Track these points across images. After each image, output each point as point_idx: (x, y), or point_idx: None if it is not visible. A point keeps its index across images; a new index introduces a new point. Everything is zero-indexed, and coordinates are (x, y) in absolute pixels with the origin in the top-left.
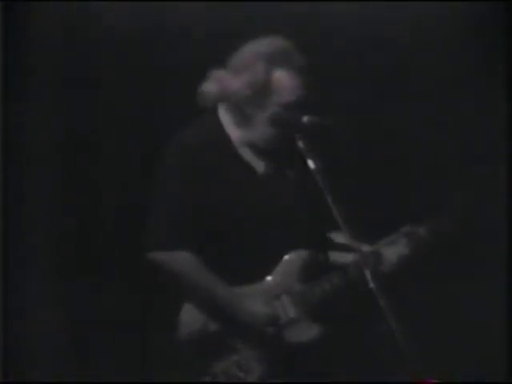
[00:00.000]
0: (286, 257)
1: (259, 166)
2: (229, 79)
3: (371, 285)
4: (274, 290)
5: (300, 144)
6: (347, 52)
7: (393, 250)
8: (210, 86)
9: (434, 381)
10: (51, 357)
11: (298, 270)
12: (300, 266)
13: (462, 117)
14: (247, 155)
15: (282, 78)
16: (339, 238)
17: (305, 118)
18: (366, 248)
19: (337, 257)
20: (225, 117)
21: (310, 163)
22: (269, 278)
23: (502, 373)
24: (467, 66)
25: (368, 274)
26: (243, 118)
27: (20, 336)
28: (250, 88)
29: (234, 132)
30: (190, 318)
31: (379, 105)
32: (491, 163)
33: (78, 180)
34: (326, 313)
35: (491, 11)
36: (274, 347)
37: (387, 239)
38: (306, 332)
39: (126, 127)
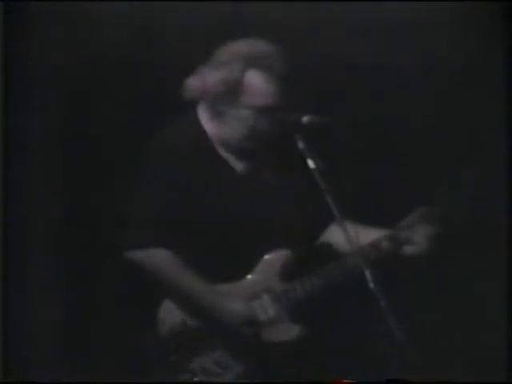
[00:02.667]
0: (267, 256)
1: (237, 164)
2: (207, 75)
3: (371, 284)
4: (255, 289)
5: (300, 144)
6: (347, 52)
7: (414, 233)
8: (192, 81)
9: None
10: (51, 357)
11: (278, 269)
12: (281, 266)
13: (461, 117)
14: (225, 154)
15: (255, 79)
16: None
17: (305, 118)
18: (362, 243)
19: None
20: (203, 114)
21: (310, 163)
22: (249, 276)
23: (502, 373)
24: (467, 66)
25: (368, 274)
26: (217, 115)
27: (20, 336)
28: (223, 85)
29: (210, 129)
30: (169, 314)
31: (379, 105)
32: (491, 163)
33: (78, 180)
34: (307, 312)
35: (491, 11)
36: (252, 345)
37: (405, 221)
38: (286, 331)
39: (126, 127)
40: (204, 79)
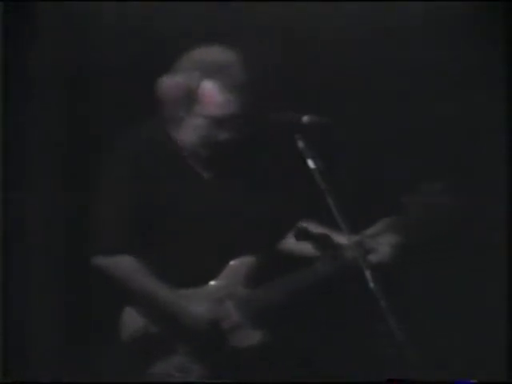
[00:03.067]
0: (232, 262)
1: (202, 170)
2: (167, 81)
3: (371, 284)
4: (219, 294)
5: (300, 144)
6: (347, 52)
7: (381, 240)
8: (158, 88)
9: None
10: (51, 357)
11: (243, 275)
12: (245, 272)
13: (461, 117)
14: (190, 159)
15: (209, 89)
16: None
17: (305, 118)
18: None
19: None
20: (167, 120)
21: (310, 163)
22: (213, 282)
23: (502, 373)
24: (467, 66)
25: (368, 274)
26: (175, 121)
27: (20, 336)
28: (179, 91)
29: (173, 134)
30: (132, 319)
31: (379, 105)
32: (491, 163)
33: (78, 179)
34: (271, 318)
35: (491, 11)
36: (215, 351)
37: (370, 230)
38: (249, 337)
39: (126, 127)
40: (164, 85)
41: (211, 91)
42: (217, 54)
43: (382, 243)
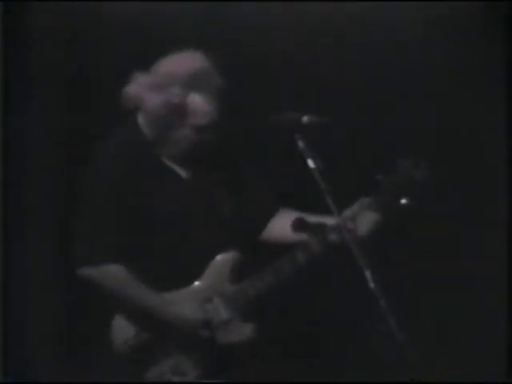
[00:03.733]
0: (216, 258)
1: (181, 170)
2: (147, 92)
3: (371, 284)
4: (206, 293)
5: (300, 144)
6: (347, 52)
7: (362, 218)
8: (130, 90)
9: None
10: (51, 356)
11: (228, 271)
12: (230, 267)
13: (461, 117)
14: (169, 162)
15: (197, 102)
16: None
17: (305, 118)
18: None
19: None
20: (143, 125)
21: (310, 163)
22: (199, 281)
23: (502, 373)
24: (467, 66)
25: (368, 274)
26: (157, 129)
27: (20, 336)
28: (164, 108)
29: (152, 138)
30: (123, 326)
31: (379, 105)
32: (491, 163)
33: (78, 179)
34: (260, 312)
35: (490, 11)
36: (207, 350)
37: (350, 209)
38: (240, 333)
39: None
40: (142, 94)
41: (198, 103)
42: (194, 64)
43: (361, 223)
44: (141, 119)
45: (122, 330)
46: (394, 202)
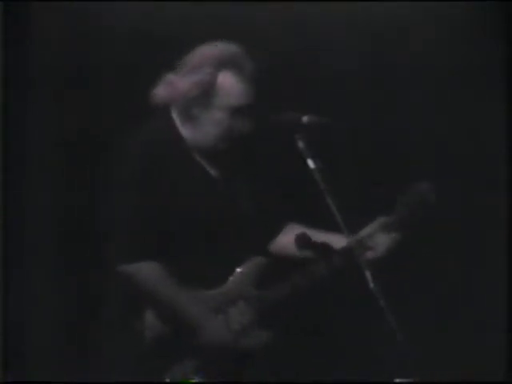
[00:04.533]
0: (242, 263)
1: (213, 169)
2: (178, 81)
3: (371, 284)
4: (231, 296)
5: (300, 144)
6: (347, 52)
7: (375, 240)
8: (160, 90)
9: None
10: (51, 356)
11: (253, 276)
12: (256, 272)
13: (461, 117)
14: (200, 158)
15: (227, 81)
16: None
17: (305, 118)
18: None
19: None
20: (176, 119)
21: (310, 163)
22: (226, 283)
23: (502, 373)
24: (467, 66)
25: (368, 275)
26: (190, 119)
27: (20, 336)
28: (196, 89)
29: (185, 134)
30: (153, 322)
31: (379, 104)
32: (491, 163)
33: (78, 179)
34: (282, 318)
35: (491, 11)
36: (230, 352)
37: (366, 230)
38: (261, 337)
39: (126, 127)
40: (174, 85)
41: (230, 81)
42: (226, 48)
43: (378, 242)
44: (174, 113)
45: (152, 324)
46: (411, 222)
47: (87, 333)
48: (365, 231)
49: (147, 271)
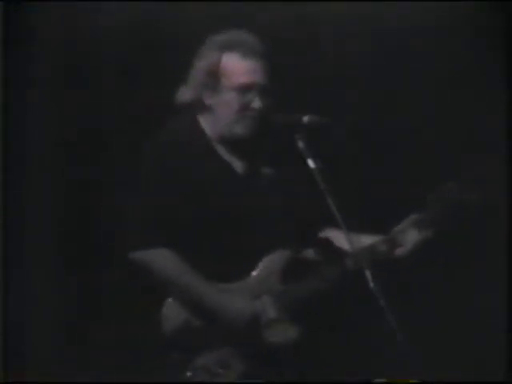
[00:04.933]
0: (268, 256)
1: (237, 164)
2: (196, 64)
3: (371, 284)
4: (256, 290)
5: (300, 144)
6: (347, 52)
7: (406, 237)
8: (184, 91)
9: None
10: (51, 356)
11: (279, 270)
12: (281, 267)
13: (461, 117)
14: (225, 154)
15: (231, 60)
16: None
17: (305, 118)
18: (359, 244)
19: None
20: (200, 115)
21: (310, 163)
22: (250, 277)
23: (502, 373)
24: (467, 66)
25: (368, 274)
26: (208, 110)
27: (20, 336)
28: (203, 73)
29: (209, 129)
30: (173, 313)
31: (379, 104)
32: (491, 163)
33: (78, 180)
34: (307, 313)
35: (491, 11)
36: (253, 346)
37: (398, 227)
38: (286, 333)
39: (126, 127)
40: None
41: (233, 60)
42: (231, 34)
43: (408, 239)
44: (197, 110)
45: (172, 315)
46: (441, 222)
47: (87, 333)
48: (397, 228)
49: (172, 264)
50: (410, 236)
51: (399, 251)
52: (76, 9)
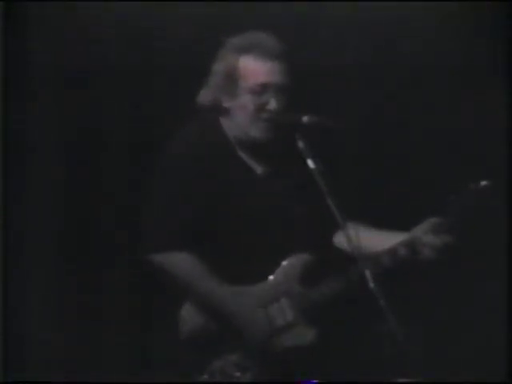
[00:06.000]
0: (287, 259)
1: (257, 166)
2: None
3: (371, 285)
4: (274, 293)
5: (300, 144)
6: (347, 52)
7: (424, 241)
8: (204, 93)
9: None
10: (51, 356)
11: (297, 273)
12: (300, 269)
13: (462, 117)
14: (245, 156)
15: (247, 62)
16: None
17: (305, 118)
18: (366, 249)
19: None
20: (221, 119)
21: (310, 163)
22: (269, 280)
23: (502, 373)
24: (467, 66)
25: (368, 274)
26: (226, 112)
27: (20, 336)
28: (221, 76)
29: (230, 132)
30: (190, 316)
31: (379, 105)
32: (491, 163)
33: (78, 180)
34: (324, 317)
35: (491, 11)
36: (270, 349)
37: (416, 230)
38: (303, 336)
39: (126, 127)
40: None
41: (249, 61)
42: (247, 37)
43: (427, 243)
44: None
45: (190, 318)
46: (461, 225)
47: (87, 333)
48: (415, 231)
49: (192, 268)
50: (428, 240)
51: (422, 256)
52: (76, 9)
